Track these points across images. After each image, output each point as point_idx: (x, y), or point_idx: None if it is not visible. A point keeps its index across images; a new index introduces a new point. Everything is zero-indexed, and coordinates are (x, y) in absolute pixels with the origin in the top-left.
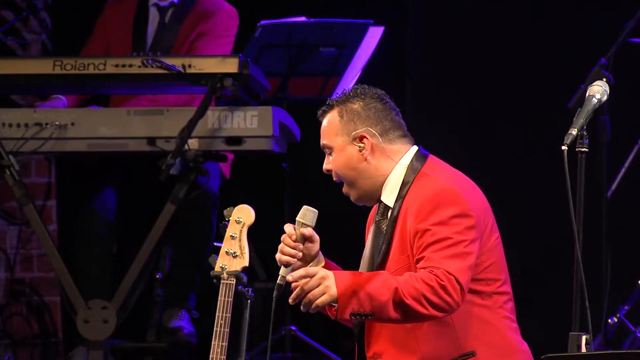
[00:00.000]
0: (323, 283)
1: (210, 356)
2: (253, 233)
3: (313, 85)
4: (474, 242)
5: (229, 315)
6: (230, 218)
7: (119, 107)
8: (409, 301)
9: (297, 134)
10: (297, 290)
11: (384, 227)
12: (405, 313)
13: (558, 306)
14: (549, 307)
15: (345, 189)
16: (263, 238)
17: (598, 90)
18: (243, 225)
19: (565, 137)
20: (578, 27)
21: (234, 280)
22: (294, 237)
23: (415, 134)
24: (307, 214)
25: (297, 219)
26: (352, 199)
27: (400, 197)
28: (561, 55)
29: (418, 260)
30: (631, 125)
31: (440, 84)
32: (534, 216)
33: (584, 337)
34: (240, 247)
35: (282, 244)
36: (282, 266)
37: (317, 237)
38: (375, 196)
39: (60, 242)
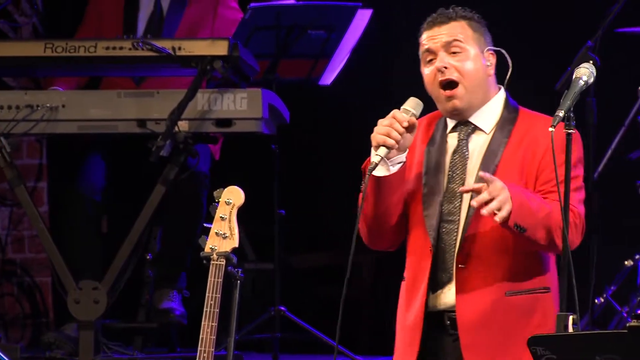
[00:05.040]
0: (506, 199)
1: (200, 336)
2: (243, 214)
3: (302, 67)
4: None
5: (219, 295)
6: (220, 199)
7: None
8: (554, 227)
9: (287, 115)
10: (486, 196)
11: (469, 147)
12: (547, 237)
13: None
14: None
15: (454, 92)
16: (253, 219)
17: (585, 73)
18: (233, 207)
19: (553, 119)
20: (566, 9)
21: (224, 261)
22: (405, 124)
23: None
24: (416, 105)
25: (405, 107)
26: (452, 105)
27: (503, 125)
28: (549, 38)
29: (548, 192)
30: (617, 108)
31: None
32: None
33: (571, 317)
34: (230, 228)
35: (388, 128)
36: (381, 147)
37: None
38: (471, 110)
39: (51, 224)
